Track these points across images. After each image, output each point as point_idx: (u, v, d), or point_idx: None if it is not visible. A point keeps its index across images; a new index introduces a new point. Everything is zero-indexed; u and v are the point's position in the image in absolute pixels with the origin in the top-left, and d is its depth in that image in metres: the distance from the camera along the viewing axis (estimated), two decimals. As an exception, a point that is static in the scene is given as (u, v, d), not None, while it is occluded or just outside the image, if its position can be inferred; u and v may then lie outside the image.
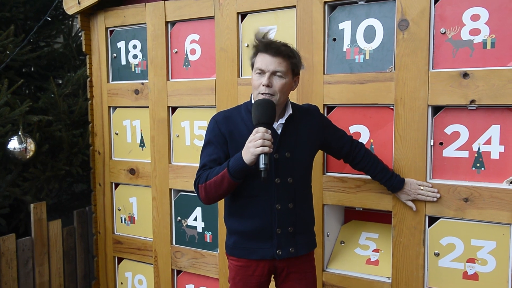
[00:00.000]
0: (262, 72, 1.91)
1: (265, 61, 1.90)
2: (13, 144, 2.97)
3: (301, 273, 2.06)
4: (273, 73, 1.89)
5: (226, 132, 1.98)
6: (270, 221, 1.98)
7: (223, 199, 2.08)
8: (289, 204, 1.99)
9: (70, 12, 3.11)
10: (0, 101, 2.96)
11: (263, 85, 1.89)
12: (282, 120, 1.98)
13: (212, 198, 1.97)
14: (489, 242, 2.11)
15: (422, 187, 2.19)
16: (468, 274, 2.16)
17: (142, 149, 3.10)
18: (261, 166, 1.77)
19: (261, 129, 1.80)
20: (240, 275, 2.05)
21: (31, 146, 3.02)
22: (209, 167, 1.97)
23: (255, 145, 1.78)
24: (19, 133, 3.00)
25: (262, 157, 1.78)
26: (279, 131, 1.97)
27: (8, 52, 3.22)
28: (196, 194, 2.09)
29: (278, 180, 1.96)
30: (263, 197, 1.98)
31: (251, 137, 1.81)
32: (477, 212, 2.11)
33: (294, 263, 2.04)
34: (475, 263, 2.14)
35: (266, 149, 1.77)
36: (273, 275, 2.09)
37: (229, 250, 2.08)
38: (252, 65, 1.97)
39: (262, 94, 1.89)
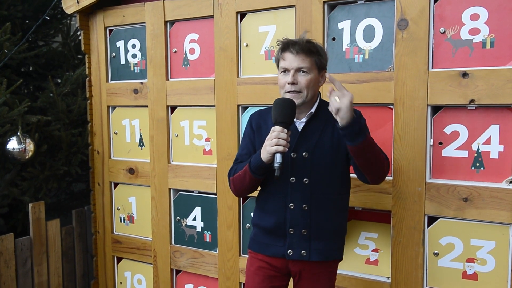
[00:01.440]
0: (286, 71, 1.93)
1: (289, 59, 1.92)
2: (12, 144, 2.96)
3: (314, 281, 2.02)
4: (297, 70, 1.91)
5: (255, 127, 2.06)
6: (284, 219, 1.99)
7: None
8: (304, 206, 1.96)
9: (69, 11, 3.10)
10: (-2, 100, 2.96)
11: (288, 83, 1.91)
12: (305, 118, 1.98)
13: (240, 191, 2.04)
14: (488, 242, 2.11)
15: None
16: (468, 274, 2.16)
17: (141, 149, 3.10)
18: (275, 164, 1.79)
19: (277, 129, 1.82)
20: (254, 266, 2.08)
21: (30, 146, 3.01)
22: (240, 161, 2.05)
23: (270, 144, 1.81)
24: (18, 134, 2.99)
25: (276, 156, 1.80)
26: (299, 130, 1.97)
27: (6, 51, 3.21)
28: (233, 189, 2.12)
29: (294, 179, 1.96)
30: (279, 194, 1.99)
31: (268, 135, 1.85)
32: (476, 212, 2.11)
33: (307, 268, 2.01)
34: (474, 263, 2.15)
35: (281, 148, 1.79)
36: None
37: (249, 242, 2.13)
38: (277, 67, 2.00)
39: (288, 92, 1.91)
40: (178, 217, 2.95)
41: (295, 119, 1.94)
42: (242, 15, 2.64)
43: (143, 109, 3.04)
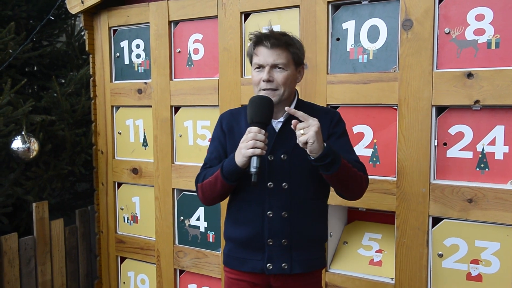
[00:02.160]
0: (261, 67, 1.77)
1: (263, 54, 1.75)
2: (17, 143, 2.97)
3: None
4: (273, 66, 1.75)
5: (226, 128, 1.89)
6: (261, 229, 1.81)
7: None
8: (283, 213, 1.79)
9: (73, 11, 3.11)
10: (3, 100, 2.96)
11: (263, 81, 1.75)
12: (282, 118, 1.83)
13: (210, 199, 1.86)
14: (493, 243, 2.10)
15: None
16: (472, 275, 2.15)
17: (145, 149, 3.10)
18: (252, 169, 1.63)
19: (253, 129, 1.65)
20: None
21: (34, 145, 3.02)
22: (210, 166, 1.87)
23: (246, 146, 1.64)
24: (23, 133, 3.00)
25: (253, 160, 1.63)
26: (277, 131, 1.82)
27: (11, 50, 3.22)
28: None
29: (271, 184, 1.79)
30: (255, 202, 1.81)
31: (244, 137, 1.68)
32: (481, 213, 2.10)
33: (290, 282, 1.84)
34: (479, 264, 2.14)
35: (258, 151, 1.62)
36: None
37: (224, 259, 1.95)
38: (250, 63, 1.85)
39: (263, 90, 1.76)
40: (182, 217, 2.95)
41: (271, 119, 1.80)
42: (246, 15, 2.64)
43: (147, 109, 3.04)
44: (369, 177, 2.29)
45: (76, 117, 3.43)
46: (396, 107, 2.27)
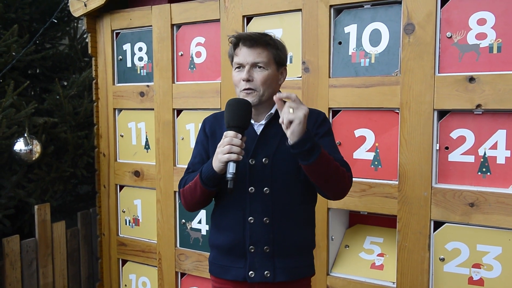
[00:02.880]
0: (241, 66, 1.73)
1: (243, 53, 1.71)
2: (19, 145, 2.98)
3: None
4: (253, 65, 1.71)
5: (209, 132, 1.85)
6: (242, 236, 1.75)
7: None
8: (265, 219, 1.74)
9: (76, 14, 3.12)
10: (6, 102, 2.97)
11: (243, 80, 1.70)
12: (264, 121, 1.78)
13: (191, 205, 1.81)
14: (495, 247, 2.10)
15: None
16: (474, 279, 2.15)
17: (147, 151, 3.11)
18: (228, 175, 1.57)
19: (229, 133, 1.60)
20: None
21: (37, 148, 3.03)
22: (192, 170, 1.84)
23: (222, 151, 1.59)
24: (25, 135, 3.01)
25: (229, 165, 1.58)
26: (258, 133, 1.77)
27: (14, 53, 3.23)
28: None
29: (252, 189, 1.73)
30: (236, 207, 1.76)
31: (220, 141, 1.62)
32: (482, 217, 2.10)
33: None
34: (480, 268, 2.13)
35: (234, 156, 1.57)
36: None
37: (209, 266, 1.90)
38: (231, 64, 1.81)
39: (243, 91, 1.71)
40: (183, 220, 2.95)
41: (253, 121, 1.77)
42: (249, 18, 2.64)
43: (149, 112, 3.05)
44: (371, 180, 2.32)
45: (79, 120, 3.45)
46: (398, 111, 2.27)
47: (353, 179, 2.01)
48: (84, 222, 3.43)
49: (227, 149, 1.58)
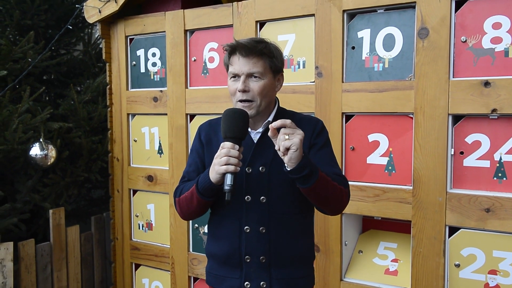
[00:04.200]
0: (236, 76, 1.69)
1: (238, 63, 1.68)
2: (35, 150, 3.02)
3: None
4: (249, 76, 1.67)
5: (205, 140, 1.82)
6: (238, 245, 1.73)
7: None
8: (261, 228, 1.70)
9: (91, 20, 3.16)
10: (22, 108, 3.01)
11: (239, 91, 1.67)
12: (261, 129, 1.75)
13: (187, 215, 1.78)
14: (511, 253, 2.08)
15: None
16: (490, 286, 2.13)
17: (160, 156, 3.12)
18: (225, 187, 1.54)
19: (226, 145, 1.57)
20: None
21: (52, 152, 3.06)
22: (188, 179, 1.80)
23: (219, 163, 1.56)
24: (41, 140, 3.04)
25: (227, 177, 1.55)
26: (256, 141, 1.74)
27: (30, 59, 3.28)
28: None
29: (249, 198, 1.71)
30: (232, 217, 1.73)
31: (217, 152, 1.59)
32: (498, 222, 2.08)
33: None
34: (497, 274, 2.11)
35: (231, 168, 1.54)
36: None
37: (206, 276, 1.87)
38: (228, 72, 1.77)
39: (240, 101, 1.68)
40: (196, 225, 2.96)
41: (250, 129, 1.74)
42: (262, 24, 2.65)
43: (162, 117, 3.07)
44: (385, 185, 2.31)
45: (93, 125, 3.48)
46: (412, 116, 2.26)
47: (367, 184, 2.01)
48: (98, 226, 3.45)
49: (224, 160, 1.55)
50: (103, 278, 3.50)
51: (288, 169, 1.54)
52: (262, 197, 1.71)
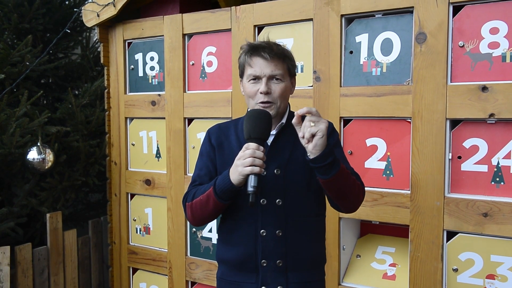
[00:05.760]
0: (257, 78, 1.68)
1: (259, 65, 1.66)
2: (32, 154, 3.01)
3: None
4: (270, 78, 1.67)
5: (215, 143, 1.79)
6: (254, 250, 1.70)
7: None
8: (277, 231, 1.68)
9: (89, 24, 3.16)
10: (19, 112, 3.01)
11: (261, 92, 1.66)
12: (275, 130, 1.73)
13: (199, 219, 1.73)
14: (509, 258, 2.08)
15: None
16: (488, 290, 2.13)
17: (158, 160, 3.12)
18: (249, 188, 1.51)
19: (251, 145, 1.54)
20: None
21: (49, 156, 3.05)
22: (199, 183, 1.76)
23: (243, 164, 1.52)
24: (38, 144, 3.04)
25: (251, 178, 1.52)
26: (269, 143, 1.72)
27: (28, 63, 3.27)
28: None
29: (264, 201, 1.68)
30: (247, 220, 1.70)
31: (240, 153, 1.56)
32: (496, 227, 2.08)
33: None
34: (494, 279, 2.11)
35: (257, 169, 1.51)
36: None
37: (217, 283, 1.83)
38: (242, 73, 1.75)
39: (261, 103, 1.67)
40: (194, 229, 2.96)
41: None
42: (260, 28, 2.66)
43: (160, 121, 3.07)
44: (383, 190, 2.31)
45: (91, 129, 3.47)
46: (409, 120, 2.26)
47: (365, 188, 2.00)
48: (95, 230, 3.44)
49: (249, 161, 1.52)
50: (100, 282, 3.48)
51: (311, 157, 1.52)
52: (278, 200, 1.69)
